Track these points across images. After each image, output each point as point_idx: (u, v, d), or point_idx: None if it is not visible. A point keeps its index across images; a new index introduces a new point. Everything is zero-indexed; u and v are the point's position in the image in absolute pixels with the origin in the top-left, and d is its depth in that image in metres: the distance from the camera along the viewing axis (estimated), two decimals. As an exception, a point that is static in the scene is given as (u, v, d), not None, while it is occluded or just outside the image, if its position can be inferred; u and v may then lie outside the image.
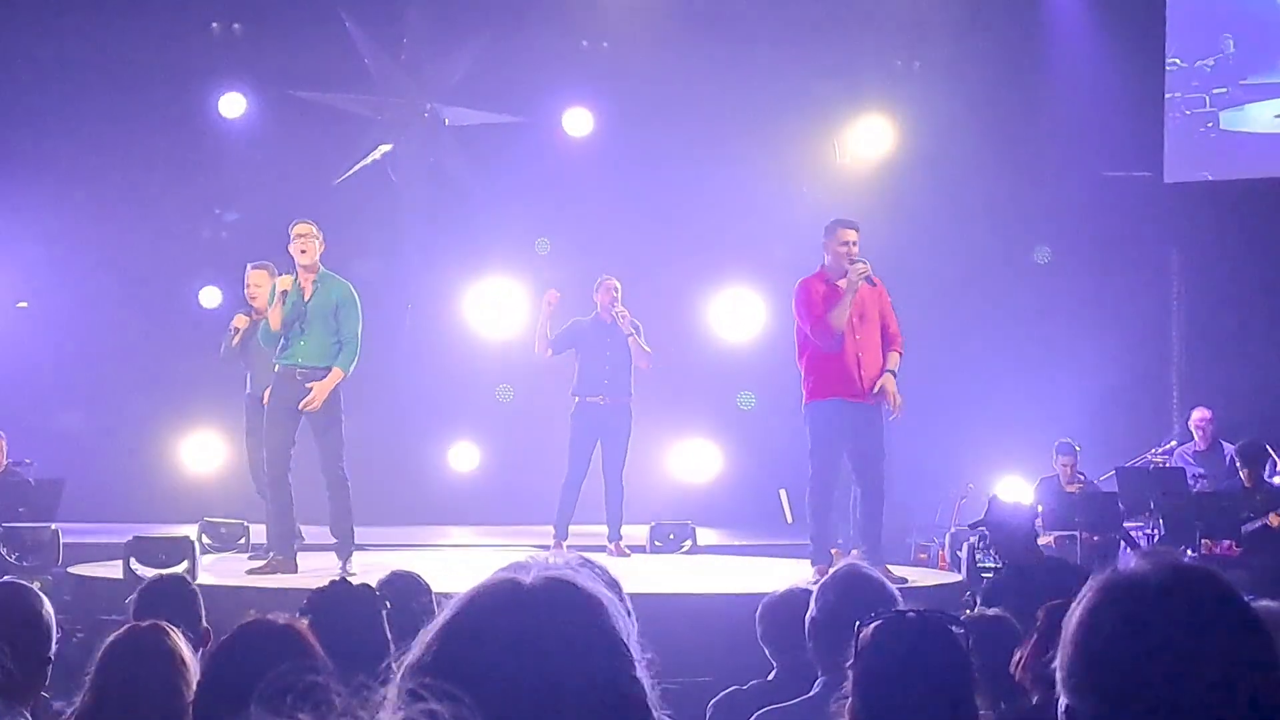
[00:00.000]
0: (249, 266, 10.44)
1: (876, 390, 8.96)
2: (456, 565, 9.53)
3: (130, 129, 12.85)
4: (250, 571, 9.11)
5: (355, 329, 9.24)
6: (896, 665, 3.03)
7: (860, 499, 9.16)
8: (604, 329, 10.89)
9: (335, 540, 9.33)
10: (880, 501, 9.10)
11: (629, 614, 1.57)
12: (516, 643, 1.44)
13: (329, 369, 9.14)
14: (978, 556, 9.12)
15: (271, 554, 9.27)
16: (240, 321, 10.19)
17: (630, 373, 10.87)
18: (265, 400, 9.45)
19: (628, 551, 11.04)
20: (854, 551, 9.11)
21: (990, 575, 8.32)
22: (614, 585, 2.42)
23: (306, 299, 9.15)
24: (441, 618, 1.50)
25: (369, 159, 13.80)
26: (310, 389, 9.05)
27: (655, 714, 1.50)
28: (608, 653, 1.47)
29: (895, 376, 9.02)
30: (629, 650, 1.50)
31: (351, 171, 13.76)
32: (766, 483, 13.78)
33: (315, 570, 9.02)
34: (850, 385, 8.94)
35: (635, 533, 11.34)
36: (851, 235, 9.05)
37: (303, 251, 9.13)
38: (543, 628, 1.46)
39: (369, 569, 7.73)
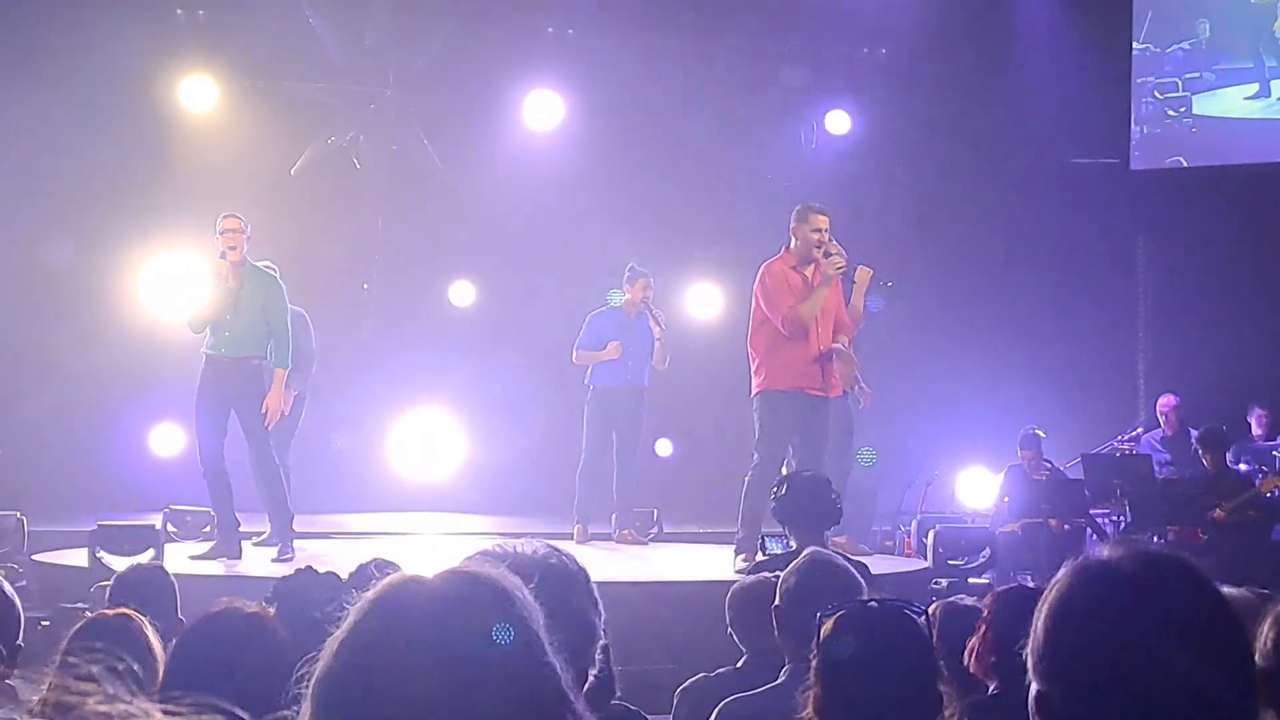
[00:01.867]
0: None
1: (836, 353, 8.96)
2: (435, 553, 9.48)
3: (93, 115, 12.68)
4: (193, 556, 9.13)
5: (286, 323, 9.29)
6: (859, 655, 3.02)
7: None
8: (626, 321, 10.94)
9: (272, 527, 9.41)
10: None
11: (536, 605, 1.55)
12: (420, 643, 1.43)
13: (252, 358, 9.17)
14: (767, 544, 8.75)
15: (216, 540, 9.35)
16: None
17: (648, 365, 10.96)
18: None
19: (643, 538, 11.03)
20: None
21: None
22: (581, 573, 2.40)
23: (236, 291, 9.11)
24: (345, 625, 1.48)
25: (328, 146, 13.69)
26: (239, 379, 9.11)
27: (572, 695, 1.50)
28: (514, 642, 1.47)
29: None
30: (537, 636, 1.50)
31: (308, 159, 13.64)
32: (731, 469, 13.74)
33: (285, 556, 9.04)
34: (811, 378, 8.91)
35: (599, 520, 11.28)
36: (823, 222, 8.96)
37: (231, 248, 9.07)
38: (445, 624, 1.45)
39: (335, 556, 7.69)
